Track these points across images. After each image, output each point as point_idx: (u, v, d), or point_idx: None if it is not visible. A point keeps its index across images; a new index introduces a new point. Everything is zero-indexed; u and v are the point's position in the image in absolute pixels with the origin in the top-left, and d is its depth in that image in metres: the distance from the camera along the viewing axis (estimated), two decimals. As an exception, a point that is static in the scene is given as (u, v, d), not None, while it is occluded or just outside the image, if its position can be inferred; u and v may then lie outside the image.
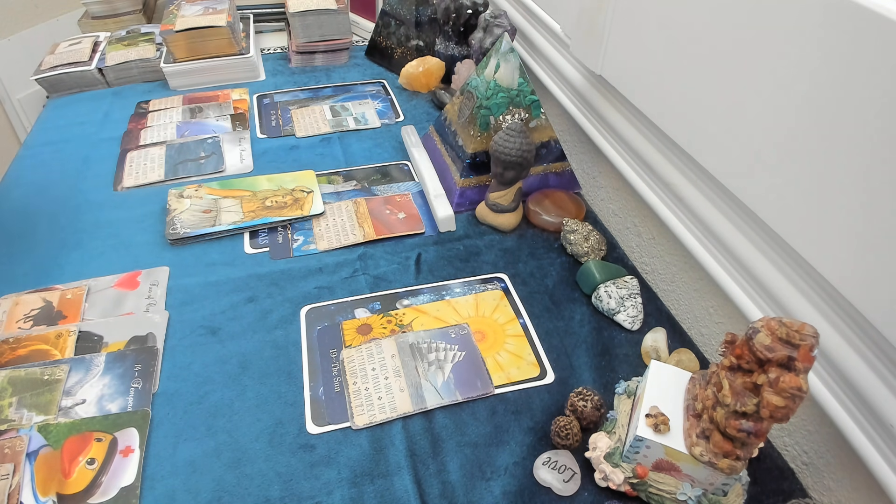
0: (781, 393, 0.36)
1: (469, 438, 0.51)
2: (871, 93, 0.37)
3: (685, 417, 0.44)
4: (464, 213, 0.75)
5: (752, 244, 0.52)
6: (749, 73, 0.47)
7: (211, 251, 0.68)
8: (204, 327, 0.59)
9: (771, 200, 0.47)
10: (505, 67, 0.70)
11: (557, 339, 0.60)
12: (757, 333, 0.37)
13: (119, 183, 0.79)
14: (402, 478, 0.48)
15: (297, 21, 1.04)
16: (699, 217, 0.57)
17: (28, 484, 0.46)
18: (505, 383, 0.55)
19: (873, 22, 0.36)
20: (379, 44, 1.09)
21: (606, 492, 0.47)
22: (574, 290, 0.65)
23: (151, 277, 0.64)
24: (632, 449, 0.44)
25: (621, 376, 0.56)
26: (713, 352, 0.61)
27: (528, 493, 0.47)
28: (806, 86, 0.42)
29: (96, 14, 1.18)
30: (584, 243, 0.68)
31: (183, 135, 0.88)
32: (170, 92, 1.00)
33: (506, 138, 0.66)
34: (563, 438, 0.49)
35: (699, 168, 0.56)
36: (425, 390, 0.54)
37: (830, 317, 0.45)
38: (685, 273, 0.64)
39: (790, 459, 0.52)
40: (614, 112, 0.70)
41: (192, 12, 1.02)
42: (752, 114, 0.47)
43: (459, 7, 0.92)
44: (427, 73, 0.99)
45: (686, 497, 0.44)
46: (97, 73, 1.00)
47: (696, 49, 0.52)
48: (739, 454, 0.40)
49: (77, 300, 0.61)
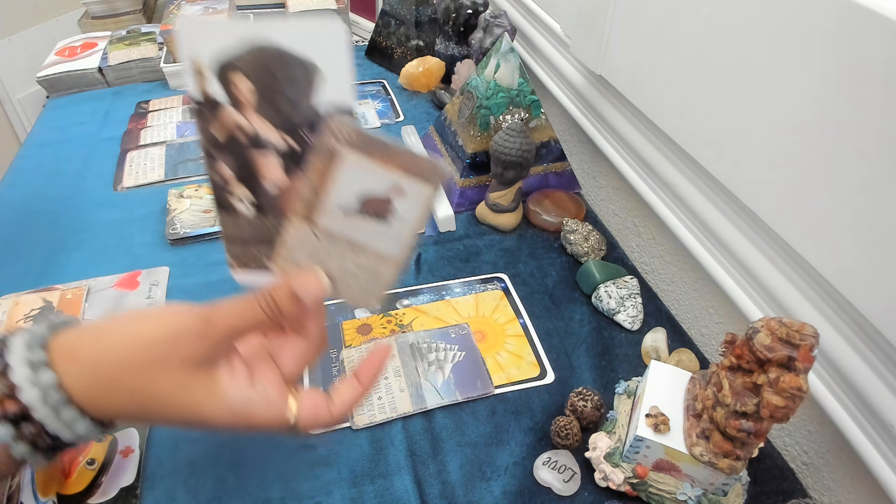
0: (781, 393, 0.36)
1: (469, 438, 0.51)
2: (874, 92, 0.37)
3: (685, 417, 0.44)
4: (464, 213, 0.75)
5: (752, 244, 0.52)
6: (750, 72, 0.47)
7: (211, 251, 0.68)
8: (204, 327, 0.59)
9: (771, 200, 0.47)
10: (505, 67, 0.70)
11: (557, 339, 0.60)
12: (757, 333, 0.37)
13: (119, 183, 0.79)
14: (401, 478, 0.48)
15: (296, 21, 1.04)
16: (699, 217, 0.57)
17: (28, 485, 0.46)
18: (505, 383, 0.55)
19: (876, 22, 0.36)
20: (379, 44, 1.09)
21: (606, 492, 0.47)
22: (574, 290, 0.65)
23: (151, 277, 0.64)
24: (632, 449, 0.44)
25: (621, 376, 0.56)
26: (713, 352, 0.61)
27: (528, 493, 0.47)
28: (808, 85, 0.42)
29: (96, 14, 1.18)
30: (584, 243, 0.68)
31: (183, 135, 0.88)
32: (170, 92, 1.00)
33: (506, 138, 0.66)
34: (563, 438, 0.49)
35: (699, 168, 0.56)
36: (425, 390, 0.54)
37: (830, 317, 0.45)
38: (685, 273, 0.64)
39: (790, 459, 0.52)
40: (614, 112, 0.70)
41: (192, 12, 1.02)
42: (752, 113, 0.47)
43: (459, 7, 0.92)
44: (427, 73, 0.99)
45: (686, 497, 0.44)
46: (97, 73, 1.01)
47: (697, 48, 0.52)
48: (739, 454, 0.40)
49: (77, 300, 0.61)
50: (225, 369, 0.36)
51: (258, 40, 0.33)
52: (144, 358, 0.34)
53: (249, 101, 0.35)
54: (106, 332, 0.35)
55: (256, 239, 0.38)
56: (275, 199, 0.37)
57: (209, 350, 0.35)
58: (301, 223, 0.35)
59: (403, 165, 0.32)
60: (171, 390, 0.34)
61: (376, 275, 0.36)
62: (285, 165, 0.36)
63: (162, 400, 0.34)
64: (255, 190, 0.37)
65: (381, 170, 0.33)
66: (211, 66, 0.34)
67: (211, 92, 0.35)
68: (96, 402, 0.35)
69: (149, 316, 0.35)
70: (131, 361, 0.34)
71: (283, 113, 0.35)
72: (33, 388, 0.33)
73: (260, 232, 0.38)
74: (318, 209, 0.34)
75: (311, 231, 0.35)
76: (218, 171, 0.37)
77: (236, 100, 0.35)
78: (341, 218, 0.34)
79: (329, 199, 0.34)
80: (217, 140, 0.36)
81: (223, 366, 0.36)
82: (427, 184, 0.33)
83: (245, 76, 0.34)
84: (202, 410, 0.35)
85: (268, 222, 0.38)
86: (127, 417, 0.36)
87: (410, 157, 0.32)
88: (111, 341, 0.34)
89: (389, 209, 0.34)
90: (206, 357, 0.35)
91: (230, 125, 0.35)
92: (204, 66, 0.34)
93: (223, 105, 0.35)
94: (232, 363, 0.36)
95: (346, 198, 0.34)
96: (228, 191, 0.37)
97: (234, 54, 0.34)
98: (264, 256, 0.38)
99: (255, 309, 0.35)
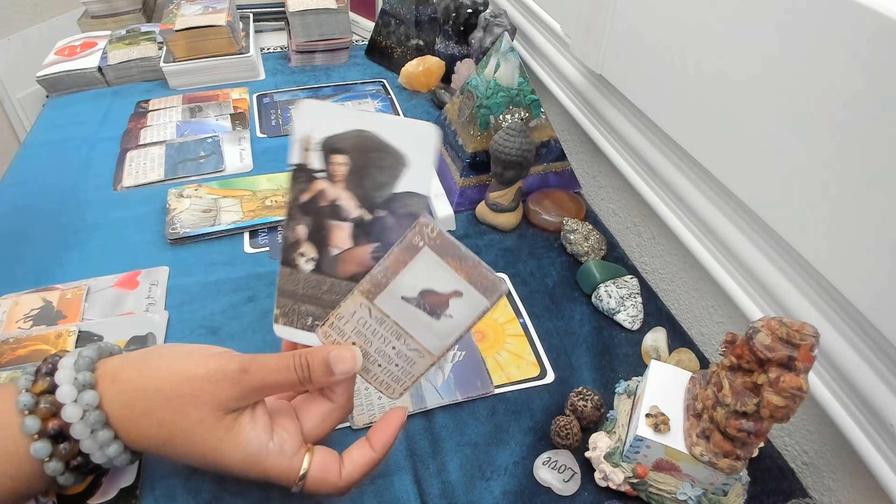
0: (782, 393, 0.36)
1: (469, 438, 0.51)
2: (876, 92, 0.37)
3: (685, 417, 0.44)
4: (464, 212, 0.75)
5: (753, 243, 0.52)
6: (750, 71, 0.47)
7: (211, 251, 0.68)
8: (204, 327, 0.59)
9: (771, 199, 0.47)
10: (505, 67, 0.70)
11: (557, 339, 0.60)
12: (757, 333, 0.37)
13: (119, 182, 0.79)
14: (401, 478, 0.48)
15: (296, 20, 1.04)
16: (699, 217, 0.57)
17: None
18: (505, 383, 0.55)
19: (878, 22, 0.36)
20: (379, 43, 1.09)
21: (606, 491, 0.47)
22: (574, 289, 0.65)
23: (151, 277, 0.64)
24: (632, 449, 0.44)
25: (621, 376, 0.56)
26: (713, 351, 0.61)
27: (528, 493, 0.47)
28: (809, 84, 0.42)
29: (96, 13, 1.18)
30: (584, 243, 0.67)
31: (182, 134, 0.88)
32: (169, 91, 1.00)
33: (506, 138, 0.66)
34: (563, 438, 0.49)
35: (699, 167, 0.56)
36: (425, 390, 0.54)
37: (831, 316, 0.45)
38: (685, 273, 0.64)
39: (790, 459, 0.52)
40: (614, 111, 0.70)
41: (192, 11, 1.02)
42: (753, 112, 0.47)
43: (459, 6, 0.92)
44: (427, 73, 0.99)
45: (686, 497, 0.44)
46: (97, 73, 1.00)
47: (697, 48, 0.52)
48: (740, 454, 0.40)
49: (77, 300, 0.61)
50: (248, 416, 0.38)
51: (362, 127, 0.38)
52: (178, 391, 0.36)
53: (342, 175, 0.39)
54: (147, 363, 0.38)
55: (307, 295, 0.40)
56: (335, 260, 0.40)
57: (240, 398, 0.37)
58: (361, 298, 0.38)
59: (470, 274, 0.36)
60: (196, 427, 0.36)
61: (410, 364, 0.39)
62: (354, 233, 0.39)
63: (186, 434, 0.36)
64: (321, 251, 0.40)
65: (450, 273, 0.36)
66: (319, 143, 0.39)
67: (310, 162, 0.39)
68: (128, 427, 0.37)
69: (190, 353, 0.38)
70: (166, 392, 0.36)
71: (366, 190, 0.39)
72: (76, 406, 0.36)
73: (312, 289, 0.40)
74: (383, 291, 0.37)
75: (368, 308, 0.38)
76: (294, 229, 0.40)
77: (331, 173, 0.39)
78: (399, 304, 0.37)
79: (396, 285, 0.37)
80: (300, 201, 0.39)
81: (247, 413, 0.38)
82: (484, 297, 0.36)
83: (345, 154, 0.39)
84: (220, 450, 0.37)
85: (322, 281, 0.40)
86: (151, 448, 0.38)
87: (478, 269, 0.36)
88: (150, 371, 0.37)
89: (444, 308, 0.37)
90: (236, 404, 0.37)
91: (316, 191, 0.39)
92: (313, 142, 0.39)
93: (317, 175, 0.39)
94: (255, 412, 0.38)
95: (410, 288, 0.37)
96: (297, 248, 0.40)
97: (340, 136, 0.38)
98: (309, 316, 0.40)
99: (289, 371, 0.37)
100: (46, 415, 0.36)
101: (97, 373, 0.37)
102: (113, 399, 0.36)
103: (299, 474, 0.38)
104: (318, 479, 0.38)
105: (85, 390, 0.36)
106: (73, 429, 0.36)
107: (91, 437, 0.36)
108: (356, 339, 0.39)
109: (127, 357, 0.39)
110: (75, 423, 0.36)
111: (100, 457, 0.37)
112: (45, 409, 0.36)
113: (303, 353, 0.37)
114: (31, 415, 0.35)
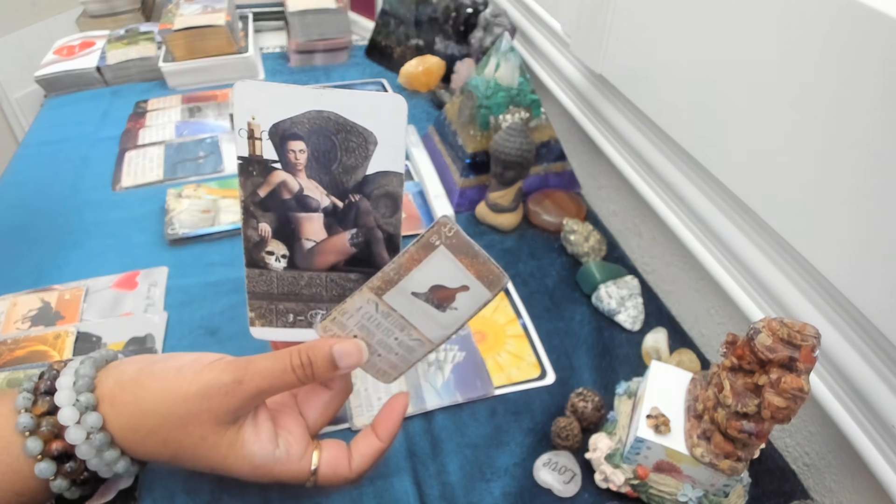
0: (783, 394, 0.35)
1: (469, 439, 0.51)
2: (878, 92, 0.37)
3: (686, 418, 0.43)
4: (464, 213, 0.75)
5: (754, 244, 0.52)
6: (751, 71, 0.47)
7: (210, 251, 0.68)
8: (203, 328, 0.59)
9: (772, 199, 0.47)
10: (505, 66, 0.69)
11: (558, 340, 0.59)
12: (758, 334, 0.37)
13: (117, 183, 0.78)
14: (401, 479, 0.47)
15: (296, 20, 1.04)
16: (700, 217, 0.57)
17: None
18: (505, 384, 0.55)
19: (880, 23, 0.36)
20: (378, 43, 1.09)
21: (607, 493, 0.47)
22: (574, 290, 0.65)
23: (150, 278, 0.64)
24: (632, 450, 0.44)
25: (622, 377, 0.56)
26: (714, 352, 0.61)
27: (528, 495, 0.47)
28: (810, 84, 0.42)
29: (94, 13, 1.18)
30: (585, 243, 0.67)
31: (181, 134, 0.87)
32: (168, 91, 1.00)
33: (506, 138, 0.66)
34: (564, 439, 0.49)
35: (700, 168, 0.56)
36: (425, 391, 0.53)
37: (832, 317, 0.45)
38: (686, 273, 0.64)
39: (791, 461, 0.52)
40: (615, 111, 0.70)
41: (191, 11, 1.01)
42: (754, 112, 0.47)
43: (459, 6, 0.91)
44: (427, 73, 0.99)
45: (687, 498, 0.44)
46: (95, 73, 1.00)
47: (698, 48, 0.52)
48: (740, 455, 0.40)
49: (75, 301, 0.61)
50: (250, 427, 0.38)
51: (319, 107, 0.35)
52: (175, 412, 0.36)
53: (301, 163, 0.36)
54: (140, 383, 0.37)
55: (283, 294, 0.39)
56: (310, 253, 0.38)
57: (237, 409, 0.36)
58: (370, 294, 0.37)
59: (479, 270, 0.36)
60: (199, 444, 0.36)
61: (410, 352, 0.40)
62: (326, 223, 0.37)
63: (192, 451, 0.37)
64: (292, 246, 0.38)
65: (461, 269, 0.36)
66: (268, 132, 0.35)
67: (261, 152, 0.36)
68: (134, 445, 0.37)
69: (180, 369, 0.37)
70: (163, 413, 0.36)
71: (335, 176, 0.36)
72: (79, 429, 0.35)
73: (289, 286, 0.39)
74: (393, 288, 0.37)
75: (375, 303, 0.37)
76: (256, 227, 0.37)
77: (290, 162, 0.36)
78: (408, 299, 0.37)
79: (408, 282, 0.37)
80: (258, 196, 0.37)
81: (249, 423, 0.38)
82: (488, 290, 0.37)
83: (302, 141, 0.35)
84: (228, 463, 0.37)
85: (299, 276, 0.38)
86: (162, 461, 0.39)
87: (486, 264, 0.36)
88: (145, 394, 0.37)
89: (451, 302, 0.37)
90: (234, 415, 0.37)
91: (275, 182, 0.36)
92: (259, 130, 0.35)
93: (272, 165, 0.36)
94: (257, 420, 0.38)
95: (421, 284, 0.37)
96: (263, 247, 0.38)
97: (293, 120, 0.35)
98: (290, 313, 0.39)
99: (287, 373, 0.36)
100: (48, 437, 0.35)
101: (97, 392, 0.37)
102: (115, 422, 0.36)
103: (310, 474, 0.38)
104: (330, 475, 0.39)
105: (87, 412, 0.36)
106: (79, 450, 0.35)
107: (97, 457, 0.36)
108: (358, 331, 0.38)
109: (121, 377, 0.38)
110: (80, 444, 0.35)
111: (108, 473, 0.37)
112: (47, 432, 0.35)
113: (302, 350, 0.37)
114: (32, 436, 0.35)
